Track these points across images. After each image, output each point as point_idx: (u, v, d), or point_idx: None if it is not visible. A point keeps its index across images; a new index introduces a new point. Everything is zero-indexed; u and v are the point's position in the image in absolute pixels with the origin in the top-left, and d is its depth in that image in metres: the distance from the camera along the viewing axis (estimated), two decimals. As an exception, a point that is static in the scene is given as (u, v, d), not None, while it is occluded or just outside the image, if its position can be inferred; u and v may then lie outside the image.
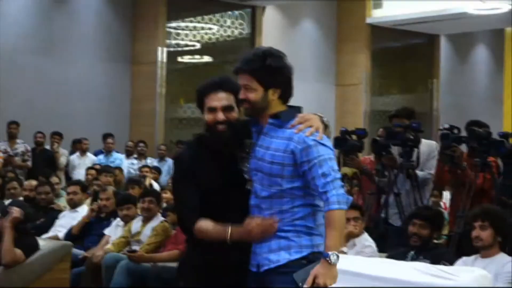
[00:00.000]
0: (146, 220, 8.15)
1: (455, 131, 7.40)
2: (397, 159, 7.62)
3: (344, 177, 8.17)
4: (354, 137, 8.07)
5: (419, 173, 7.67)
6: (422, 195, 7.60)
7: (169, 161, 15.02)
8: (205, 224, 4.19)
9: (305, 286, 3.83)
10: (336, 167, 4.02)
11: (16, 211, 6.79)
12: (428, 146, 7.83)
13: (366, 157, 8.52)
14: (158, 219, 8.17)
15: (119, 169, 13.24)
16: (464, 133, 7.32)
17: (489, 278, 4.77)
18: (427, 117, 19.41)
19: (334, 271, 3.85)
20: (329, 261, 3.84)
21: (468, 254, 5.84)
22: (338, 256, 3.84)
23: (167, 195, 10.05)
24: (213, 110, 4.32)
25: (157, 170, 13.91)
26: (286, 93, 4.27)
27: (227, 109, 4.34)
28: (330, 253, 3.84)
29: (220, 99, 4.35)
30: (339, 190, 3.94)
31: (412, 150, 7.59)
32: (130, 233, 8.11)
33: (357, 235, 6.62)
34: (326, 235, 3.91)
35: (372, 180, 7.90)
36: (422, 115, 18.92)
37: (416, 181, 7.56)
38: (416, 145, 7.59)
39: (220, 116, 4.32)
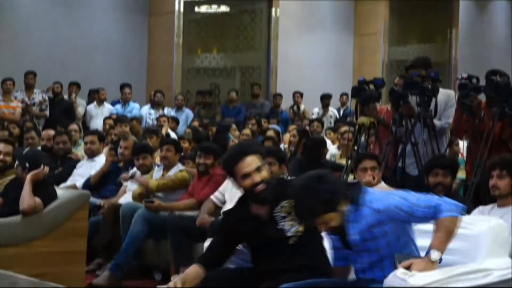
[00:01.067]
0: (166, 169, 8.19)
1: (474, 80, 7.35)
2: (415, 109, 7.58)
3: (361, 127, 8.16)
4: (371, 86, 8.04)
5: (436, 122, 7.65)
6: (440, 144, 7.59)
7: (187, 111, 15.05)
8: (189, 270, 4.89)
9: (399, 265, 4.15)
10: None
11: (41, 171, 6.83)
12: (446, 96, 7.80)
13: (383, 106, 8.49)
14: (178, 168, 8.20)
15: (137, 119, 13.28)
16: (482, 83, 7.26)
17: (505, 227, 4.76)
18: (446, 67, 19.29)
19: (432, 268, 4.13)
20: (430, 258, 4.17)
21: (485, 203, 5.84)
22: (440, 257, 4.17)
23: (186, 144, 10.08)
24: (247, 175, 4.71)
25: (174, 120, 13.92)
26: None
27: (257, 170, 4.74)
28: (432, 250, 4.17)
29: (250, 164, 4.74)
30: (447, 200, 4.30)
31: (430, 100, 7.55)
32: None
33: (374, 185, 6.61)
34: (433, 237, 4.24)
35: (389, 130, 7.87)
36: (441, 65, 18.80)
37: (433, 130, 7.54)
38: (434, 95, 7.55)
39: (256, 178, 4.73)
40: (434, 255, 4.18)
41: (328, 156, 10.07)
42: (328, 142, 11.06)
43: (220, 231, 5.12)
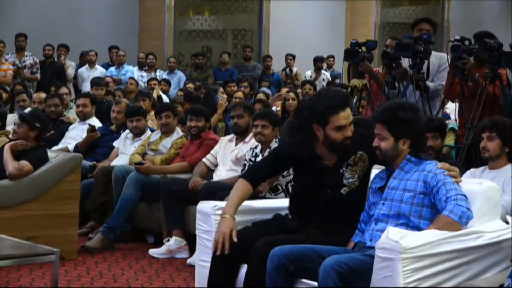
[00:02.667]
0: (165, 134, 8.18)
1: (466, 42, 7.34)
2: (408, 71, 7.57)
3: (353, 89, 8.15)
4: (364, 49, 8.04)
5: (430, 84, 7.65)
6: (432, 106, 7.59)
7: (179, 74, 15.01)
8: (239, 188, 4.90)
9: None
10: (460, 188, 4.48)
11: (20, 143, 6.88)
12: (439, 58, 7.79)
13: (376, 68, 8.48)
14: (178, 134, 8.20)
15: (133, 79, 13.27)
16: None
17: (496, 189, 4.77)
18: (438, 29, 19.23)
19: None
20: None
21: (477, 165, 5.85)
22: None
23: (178, 108, 10.05)
24: (342, 128, 4.72)
25: (166, 83, 13.89)
26: (417, 144, 4.64)
27: (350, 124, 4.80)
28: None
29: (348, 116, 4.77)
30: (460, 202, 4.37)
31: (422, 62, 7.55)
32: (148, 142, 8.17)
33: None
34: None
35: (381, 91, 7.87)
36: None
37: (425, 92, 7.54)
38: (426, 57, 7.55)
39: (349, 132, 4.77)
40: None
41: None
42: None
43: (274, 152, 5.34)
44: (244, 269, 4.68)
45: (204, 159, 7.52)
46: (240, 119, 7.37)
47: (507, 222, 4.74)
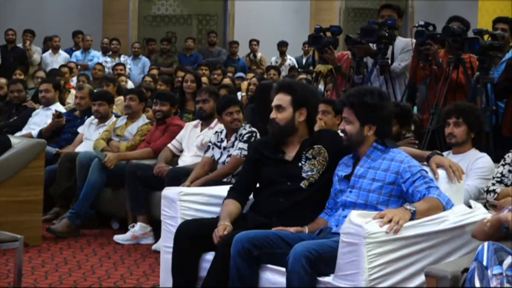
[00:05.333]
0: (131, 119, 8.14)
1: (430, 28, 7.37)
2: (371, 47, 7.62)
3: (318, 75, 8.15)
4: (329, 34, 8.04)
5: (393, 67, 7.69)
6: (395, 90, 7.63)
7: (143, 59, 14.94)
8: (225, 205, 4.89)
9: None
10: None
11: None
12: (404, 43, 7.82)
13: (344, 52, 8.49)
14: (144, 120, 8.16)
15: (100, 65, 13.20)
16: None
17: (460, 174, 4.81)
18: (404, 15, 19.29)
19: (404, 213, 4.22)
20: (404, 207, 4.28)
21: (441, 150, 5.88)
22: (415, 209, 4.27)
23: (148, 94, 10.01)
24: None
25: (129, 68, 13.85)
26: (382, 131, 4.67)
27: None
28: (410, 206, 4.29)
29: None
30: (442, 192, 4.48)
31: (387, 47, 7.58)
32: (113, 128, 8.14)
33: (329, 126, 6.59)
34: (417, 202, 4.39)
35: (347, 77, 7.90)
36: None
37: (390, 78, 7.58)
38: (390, 42, 7.58)
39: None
40: (409, 206, 4.29)
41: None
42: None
43: (245, 160, 5.40)
44: (210, 256, 4.68)
45: (169, 145, 7.50)
46: (205, 104, 7.36)
47: (470, 207, 4.78)
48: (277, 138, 4.94)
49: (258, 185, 5.04)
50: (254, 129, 6.81)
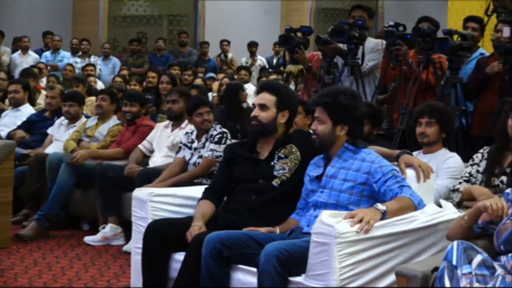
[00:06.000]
0: (101, 120, 8.12)
1: (400, 28, 7.41)
2: (341, 47, 7.64)
3: (289, 75, 8.16)
4: (299, 34, 8.06)
5: (363, 68, 7.71)
6: (365, 90, 7.66)
7: (114, 60, 14.88)
8: (199, 206, 4.91)
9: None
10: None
11: None
12: (372, 43, 7.85)
13: (314, 53, 8.51)
14: (115, 121, 8.13)
15: (70, 66, 13.14)
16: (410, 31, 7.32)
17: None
18: (374, 15, 19.36)
19: (375, 213, 4.23)
20: (375, 207, 4.28)
21: (411, 150, 5.90)
22: (385, 209, 4.27)
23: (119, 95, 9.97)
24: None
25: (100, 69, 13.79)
26: (354, 131, 4.68)
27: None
28: (380, 205, 4.29)
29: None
30: (414, 192, 4.48)
31: (357, 48, 7.61)
32: (84, 129, 8.10)
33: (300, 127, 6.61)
34: (389, 202, 4.38)
35: (317, 77, 7.91)
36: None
37: (360, 78, 7.60)
38: (361, 43, 7.61)
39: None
40: (380, 206, 4.29)
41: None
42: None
43: (222, 160, 5.35)
44: (180, 256, 4.68)
45: (139, 146, 7.48)
46: (175, 104, 7.34)
47: (440, 206, 4.80)
48: (257, 136, 4.97)
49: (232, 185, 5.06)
50: (225, 129, 6.80)
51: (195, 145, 6.80)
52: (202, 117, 6.74)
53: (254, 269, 4.25)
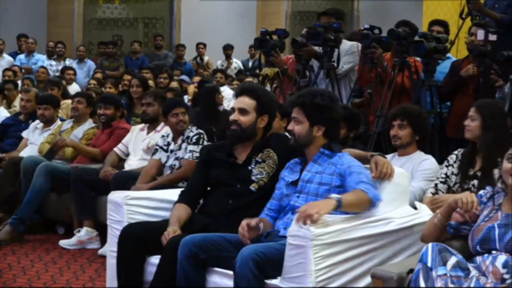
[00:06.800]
0: (77, 123, 8.11)
1: (376, 31, 7.43)
2: (316, 50, 7.66)
3: (264, 78, 8.17)
4: (275, 37, 8.08)
5: (339, 71, 7.74)
6: (341, 93, 7.68)
7: (89, 63, 14.83)
8: (175, 209, 4.89)
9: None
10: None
11: None
12: (348, 45, 7.88)
13: (289, 56, 8.53)
14: (90, 124, 8.11)
15: (44, 68, 13.06)
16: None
17: (405, 175, 4.85)
18: (348, 18, 19.42)
19: (328, 203, 4.24)
20: (330, 196, 4.29)
21: (386, 152, 5.92)
22: (340, 199, 4.27)
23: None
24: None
25: (75, 72, 13.72)
26: (331, 133, 4.70)
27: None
28: (335, 195, 4.30)
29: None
30: (373, 187, 4.48)
31: (332, 50, 7.63)
32: (59, 132, 8.07)
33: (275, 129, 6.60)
34: (344, 194, 4.38)
35: (293, 80, 7.93)
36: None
37: (336, 81, 7.62)
38: (336, 45, 7.63)
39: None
40: (334, 195, 4.30)
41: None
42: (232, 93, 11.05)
43: (197, 163, 5.29)
44: (155, 259, 4.67)
45: (115, 149, 7.46)
46: (149, 107, 7.34)
47: (415, 208, 4.82)
48: (236, 140, 4.96)
49: (208, 188, 5.05)
50: (201, 130, 6.79)
51: (171, 147, 6.78)
52: (177, 118, 6.72)
53: (230, 272, 4.24)
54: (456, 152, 5.47)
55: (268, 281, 4.20)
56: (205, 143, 6.60)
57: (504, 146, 5.02)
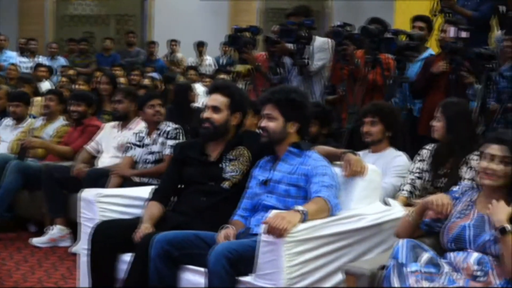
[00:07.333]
0: (49, 120, 8.06)
1: (348, 28, 7.45)
2: (289, 47, 7.67)
3: (238, 75, 8.17)
4: (248, 34, 8.08)
5: (311, 68, 7.75)
6: (314, 90, 7.69)
7: (61, 60, 14.74)
8: (148, 207, 4.88)
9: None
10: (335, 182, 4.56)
11: None
12: (320, 42, 7.89)
13: (262, 53, 8.53)
14: (60, 122, 8.06)
15: (14, 65, 12.99)
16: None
17: (378, 172, 4.86)
18: (320, 15, 19.45)
19: (294, 215, 4.17)
20: (297, 209, 4.22)
21: (359, 149, 5.94)
22: (304, 210, 4.22)
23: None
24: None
25: (49, 69, 13.63)
26: (304, 129, 4.74)
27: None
28: (300, 207, 4.25)
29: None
30: (335, 194, 4.47)
31: (304, 47, 7.64)
32: (30, 129, 8.02)
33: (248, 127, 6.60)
34: (307, 204, 4.35)
35: (265, 77, 7.94)
36: (315, 13, 18.90)
37: (309, 77, 7.64)
38: (308, 42, 7.64)
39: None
40: (300, 207, 4.27)
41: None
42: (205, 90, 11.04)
43: (171, 161, 5.27)
44: (127, 257, 4.65)
45: (87, 146, 7.43)
46: (120, 104, 7.33)
47: (387, 204, 4.84)
48: (209, 138, 4.95)
49: (182, 185, 5.03)
50: (178, 125, 6.79)
51: (146, 141, 6.77)
52: (154, 109, 6.74)
53: (203, 269, 4.24)
54: (428, 147, 5.50)
55: (240, 278, 4.19)
56: (184, 138, 6.61)
57: (469, 145, 5.09)
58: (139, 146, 6.79)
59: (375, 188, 4.81)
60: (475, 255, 3.78)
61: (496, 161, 3.87)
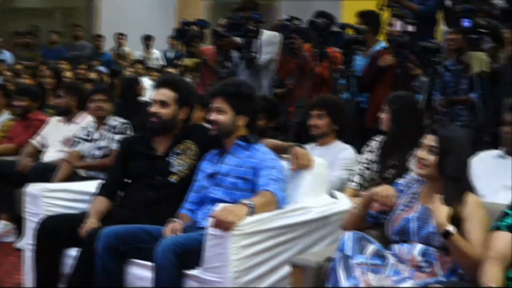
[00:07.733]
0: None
1: (295, 22, 7.46)
2: (237, 41, 7.66)
3: (186, 69, 8.15)
4: (195, 28, 8.05)
5: (260, 62, 7.75)
6: (262, 84, 7.70)
7: (6, 54, 14.56)
8: (94, 202, 4.86)
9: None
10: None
11: None
12: (268, 35, 7.89)
13: (209, 47, 8.51)
14: (7, 116, 7.97)
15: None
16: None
17: (325, 165, 4.88)
18: (268, 9, 19.47)
19: (241, 208, 4.18)
20: (245, 202, 4.23)
21: (306, 142, 5.96)
22: (252, 204, 4.23)
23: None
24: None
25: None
26: (252, 123, 4.73)
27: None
28: (247, 201, 4.25)
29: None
30: (282, 186, 4.49)
31: (252, 41, 7.63)
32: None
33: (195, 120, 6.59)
34: (254, 197, 4.36)
35: (213, 71, 7.92)
36: (264, 6, 18.91)
37: (256, 70, 7.64)
38: (256, 36, 7.64)
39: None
40: (247, 201, 4.27)
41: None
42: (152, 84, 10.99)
43: (116, 156, 5.24)
44: (73, 252, 4.61)
45: (32, 141, 7.36)
46: (62, 99, 7.36)
47: (334, 197, 4.86)
48: (156, 132, 4.93)
49: (129, 180, 5.00)
50: (126, 120, 6.75)
51: (95, 136, 6.71)
52: (95, 104, 6.69)
53: (150, 263, 4.21)
54: (378, 138, 5.54)
55: (188, 272, 4.18)
56: (132, 132, 6.57)
57: (416, 137, 5.13)
58: (87, 140, 6.74)
59: (322, 181, 4.82)
60: (419, 247, 3.81)
61: (426, 150, 3.91)
